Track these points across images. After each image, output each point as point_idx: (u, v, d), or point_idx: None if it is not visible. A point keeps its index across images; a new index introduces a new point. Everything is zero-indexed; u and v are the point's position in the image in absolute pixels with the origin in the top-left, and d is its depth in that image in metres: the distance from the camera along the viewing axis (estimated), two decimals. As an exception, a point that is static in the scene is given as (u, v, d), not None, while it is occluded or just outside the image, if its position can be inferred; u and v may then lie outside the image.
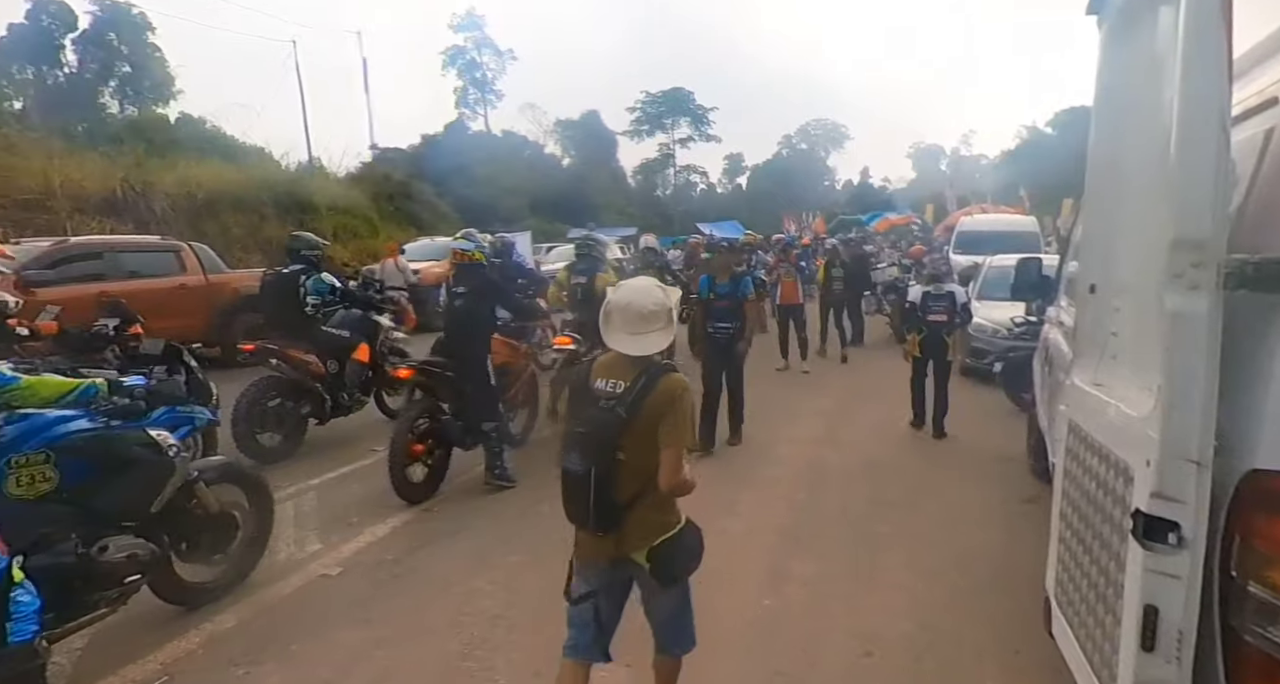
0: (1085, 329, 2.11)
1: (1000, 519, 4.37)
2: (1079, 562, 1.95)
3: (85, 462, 2.70)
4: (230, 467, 3.56)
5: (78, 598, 2.61)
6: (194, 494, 3.16)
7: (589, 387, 2.19)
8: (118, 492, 2.77)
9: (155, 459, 2.88)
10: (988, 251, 10.40)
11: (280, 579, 3.61)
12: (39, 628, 2.23)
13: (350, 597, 3.47)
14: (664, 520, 2.15)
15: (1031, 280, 4.81)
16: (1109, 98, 1.89)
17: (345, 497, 4.09)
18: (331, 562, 3.82)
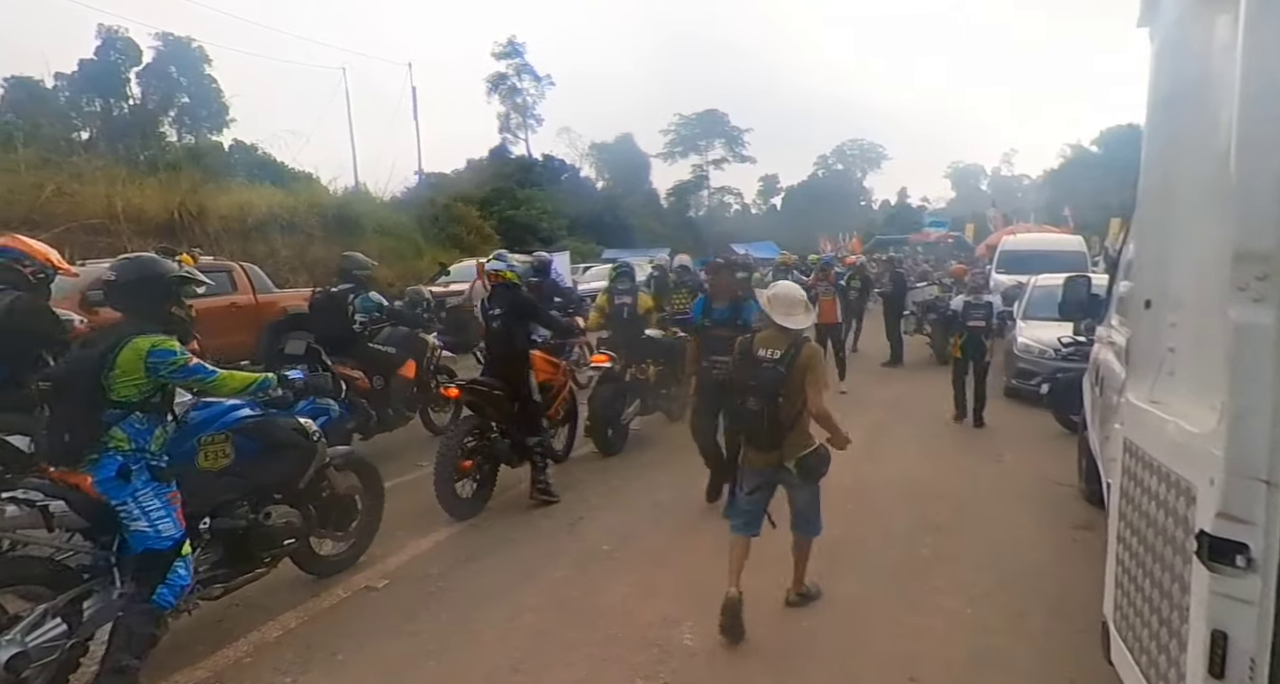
0: (1141, 345, 2.06)
1: (1051, 544, 4.23)
2: (1139, 586, 1.88)
3: (253, 442, 3.23)
4: (352, 455, 3.93)
5: (250, 555, 3.20)
6: (325, 476, 3.62)
7: (753, 354, 3.26)
8: (275, 469, 3.31)
9: (304, 443, 3.40)
10: (1032, 271, 10.17)
11: (326, 590, 3.68)
12: (175, 602, 2.71)
13: (396, 608, 3.52)
14: (807, 441, 3.26)
15: (1080, 299, 4.69)
16: (1162, 111, 1.86)
17: (390, 510, 4.17)
18: (377, 574, 3.87)
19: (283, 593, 3.60)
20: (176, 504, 2.74)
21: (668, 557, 4.13)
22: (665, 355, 7.10)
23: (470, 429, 4.80)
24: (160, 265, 2.84)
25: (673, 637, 3.26)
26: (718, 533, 4.45)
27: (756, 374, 3.21)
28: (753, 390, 3.20)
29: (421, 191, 25.97)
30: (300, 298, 10.41)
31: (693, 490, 5.29)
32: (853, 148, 60.70)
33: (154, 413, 2.75)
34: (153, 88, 32.09)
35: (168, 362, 2.65)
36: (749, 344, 3.31)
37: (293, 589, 3.65)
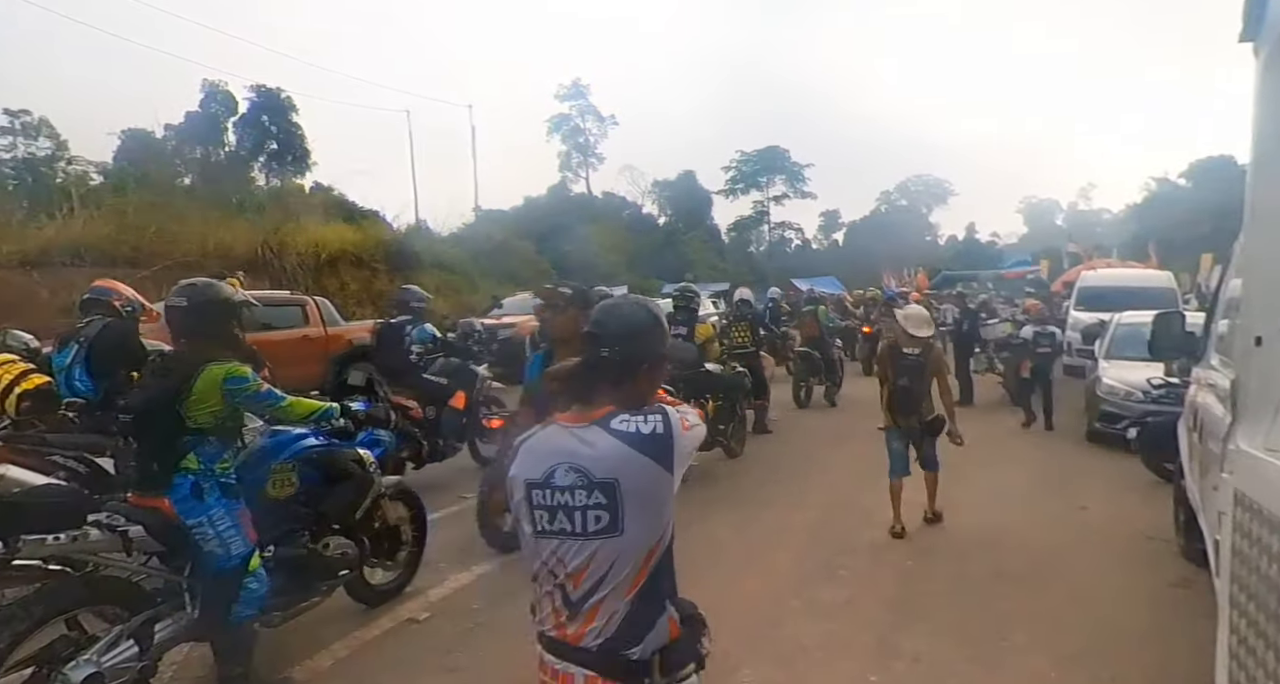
0: (1251, 387, 1.86)
1: (1146, 603, 3.85)
2: (1261, 660, 1.65)
3: (316, 472, 3.29)
4: (401, 485, 3.97)
5: (308, 584, 3.25)
6: (379, 506, 3.67)
7: (902, 351, 4.99)
8: (336, 499, 3.37)
9: (363, 474, 3.45)
10: (1114, 308, 9.59)
11: (372, 621, 3.66)
12: (257, 613, 2.81)
13: (437, 643, 3.47)
14: (930, 409, 5.03)
15: (1174, 337, 4.35)
16: (1272, 130, 1.70)
17: (433, 542, 4.17)
18: (419, 607, 3.84)
19: (332, 621, 3.61)
20: (246, 522, 2.81)
21: (726, 599, 3.94)
22: (725, 390, 6.98)
23: None
24: (224, 289, 2.94)
25: (732, 680, 3.09)
26: (776, 576, 4.28)
27: (904, 366, 4.99)
28: (905, 372, 4.98)
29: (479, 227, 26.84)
30: (364, 330, 10.82)
31: (753, 529, 5.11)
32: (917, 183, 59.60)
33: (227, 436, 2.85)
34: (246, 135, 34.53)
35: (242, 388, 2.75)
36: (897, 348, 5.07)
37: (341, 618, 3.66)
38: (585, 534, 1.39)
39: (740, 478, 6.64)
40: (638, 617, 1.41)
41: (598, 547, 1.39)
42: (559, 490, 1.41)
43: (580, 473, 1.39)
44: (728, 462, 7.21)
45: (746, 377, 7.83)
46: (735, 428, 7.38)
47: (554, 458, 1.42)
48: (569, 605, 1.43)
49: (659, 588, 1.44)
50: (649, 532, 1.41)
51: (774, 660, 3.28)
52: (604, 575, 1.40)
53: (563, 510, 1.40)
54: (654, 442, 1.39)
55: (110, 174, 18.30)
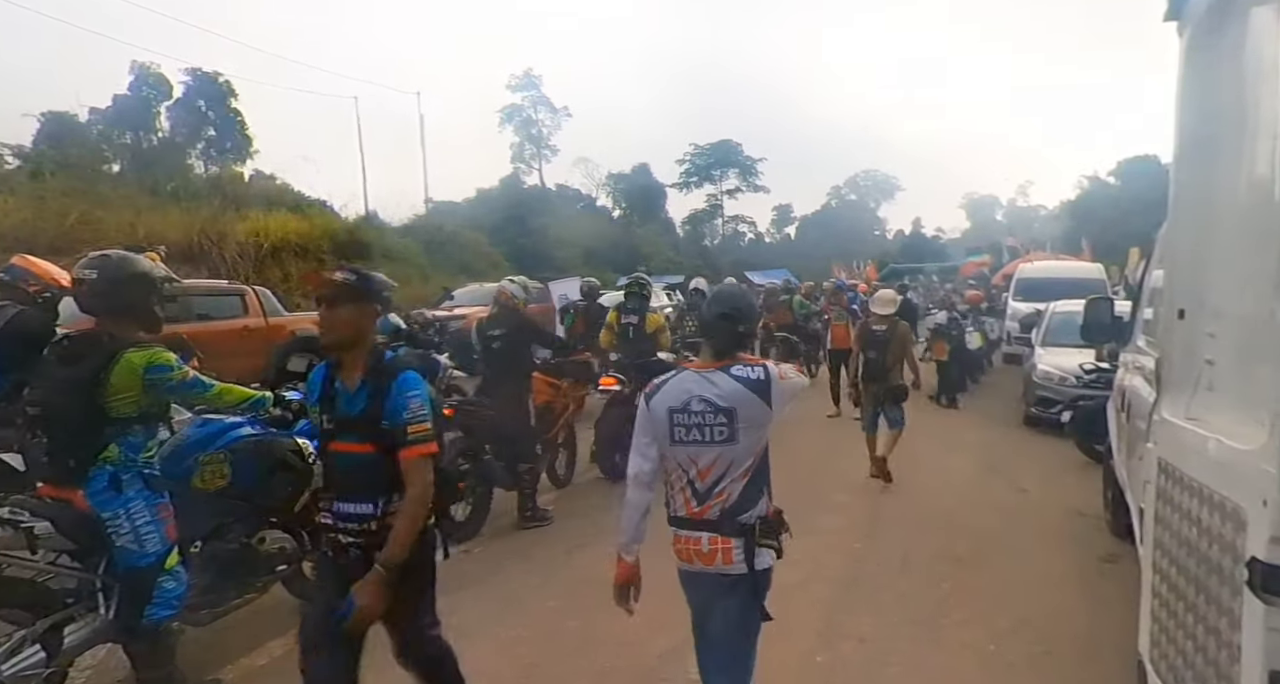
0: (1175, 359, 1.92)
1: (1078, 578, 4.01)
2: (1181, 621, 1.71)
3: (252, 463, 3.09)
4: None
5: (240, 581, 3.07)
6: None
7: (871, 328, 6.06)
8: (273, 491, 3.18)
9: (302, 465, 3.25)
10: (1050, 298, 9.98)
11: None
12: (175, 613, 2.61)
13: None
14: (896, 379, 5.90)
15: (1104, 323, 4.53)
16: (1194, 110, 1.76)
17: (385, 533, 4.06)
18: (360, 605, 3.73)
19: (272, 619, 3.46)
20: (167, 517, 2.63)
21: (676, 587, 3.94)
22: (676, 379, 6.97)
23: (463, 450, 4.69)
24: (141, 262, 2.72)
25: (680, 670, 3.06)
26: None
27: (871, 340, 6.05)
28: (873, 346, 6.01)
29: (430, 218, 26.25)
30: (310, 321, 10.48)
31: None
32: (866, 178, 60.96)
33: (150, 425, 2.67)
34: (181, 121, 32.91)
35: (165, 377, 2.57)
36: (867, 325, 6.28)
37: (279, 615, 3.50)
38: (711, 442, 2.05)
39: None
40: (746, 496, 2.08)
41: (719, 451, 2.06)
42: (693, 413, 2.06)
43: (708, 402, 2.04)
44: (680, 451, 7.22)
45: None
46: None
47: (689, 392, 2.07)
48: (696, 494, 2.11)
49: (760, 479, 2.11)
50: (754, 443, 2.08)
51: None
52: (725, 471, 2.07)
53: (696, 427, 2.06)
54: (759, 385, 2.04)
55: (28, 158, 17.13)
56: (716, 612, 2.21)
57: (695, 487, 2.10)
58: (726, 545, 2.11)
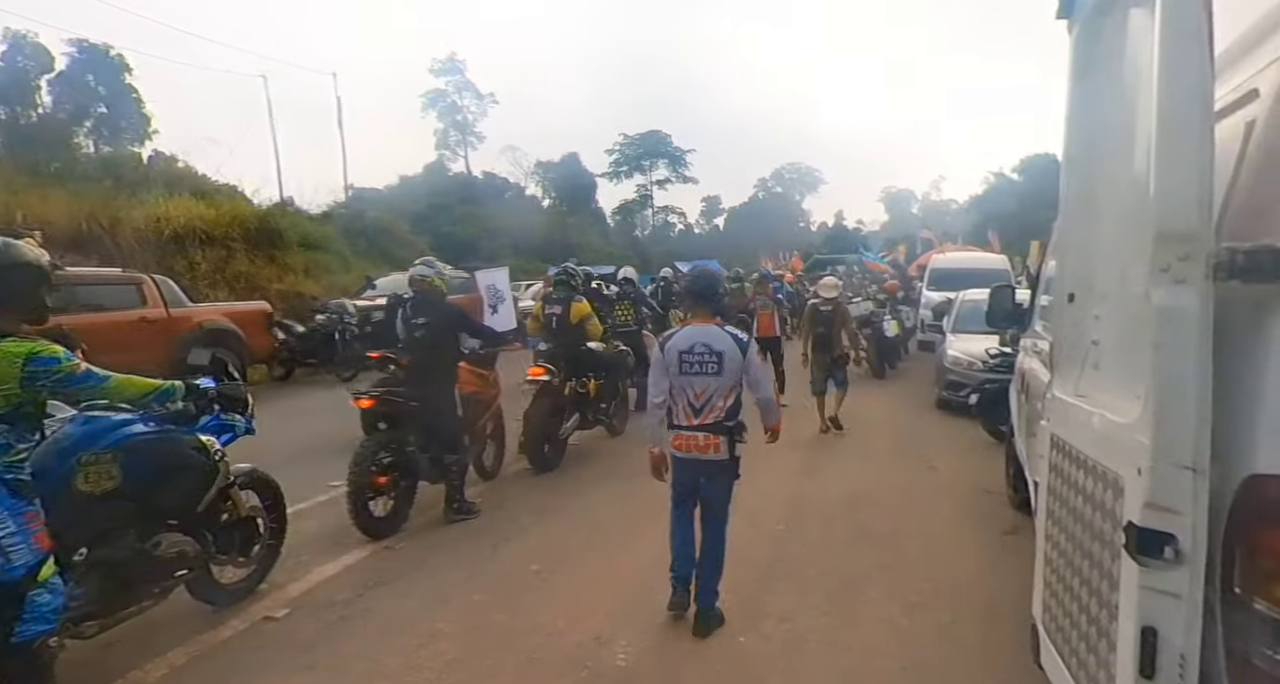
0: (1065, 340, 2.04)
1: (981, 551, 4.25)
2: (1068, 585, 1.83)
3: (146, 462, 2.92)
4: (254, 473, 3.63)
5: (132, 589, 2.88)
6: (228, 497, 3.36)
7: (819, 309, 7.58)
8: (171, 491, 3.03)
9: (205, 462, 3.13)
10: (960, 288, 10.51)
11: (222, 622, 3.35)
12: (51, 628, 2.42)
13: (296, 640, 3.22)
14: (838, 347, 7.47)
15: (1006, 308, 4.78)
16: (1082, 103, 1.86)
17: (296, 535, 3.87)
18: (276, 603, 3.55)
19: (173, 626, 3.27)
20: (36, 526, 2.40)
21: (603, 575, 3.96)
22: (607, 368, 6.96)
23: (386, 443, 4.53)
24: (26, 250, 2.48)
25: (604, 656, 3.08)
26: (655, 548, 4.32)
27: (820, 318, 7.49)
28: (822, 323, 7.45)
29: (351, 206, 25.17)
30: (219, 312, 9.87)
31: (633, 505, 5.14)
32: (791, 171, 62.46)
33: (22, 425, 2.41)
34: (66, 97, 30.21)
35: (51, 370, 2.35)
36: (816, 307, 7.69)
37: (185, 622, 3.31)
38: (706, 374, 3.19)
39: (622, 456, 6.66)
40: (729, 410, 3.22)
41: (710, 380, 3.19)
42: (696, 354, 3.20)
43: (707, 346, 3.20)
44: (610, 440, 7.23)
45: (629, 355, 7.86)
46: (618, 406, 7.40)
47: (694, 339, 3.24)
48: (694, 409, 3.23)
49: (735, 402, 3.26)
50: (732, 377, 3.22)
51: (648, 629, 3.31)
52: (713, 393, 3.20)
53: (696, 363, 3.20)
54: (741, 342, 3.24)
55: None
56: (709, 482, 3.36)
57: (694, 404, 3.25)
58: (716, 441, 3.24)
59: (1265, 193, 1.31)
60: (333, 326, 11.18)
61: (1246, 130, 1.39)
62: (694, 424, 3.23)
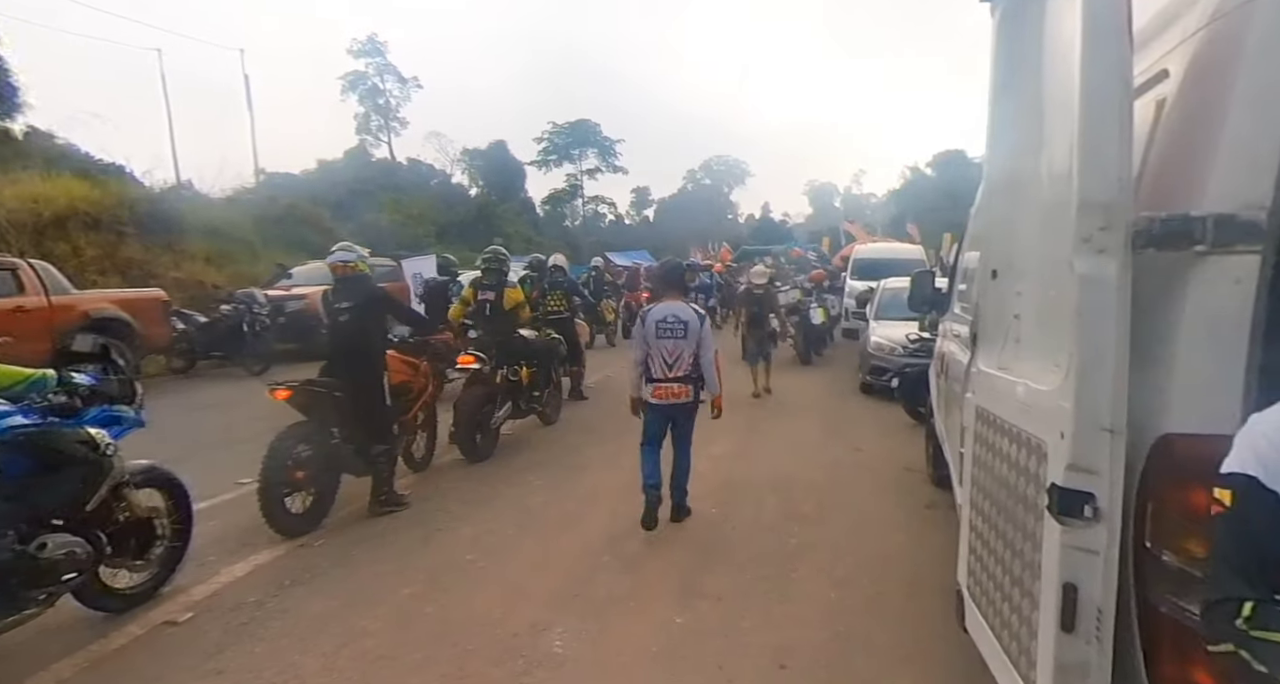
0: (988, 315, 2.12)
1: (905, 525, 4.41)
2: (992, 548, 1.91)
3: (26, 457, 2.70)
4: (154, 471, 3.40)
5: (13, 595, 2.64)
6: (122, 496, 3.12)
7: (752, 292, 9.34)
8: (55, 489, 2.81)
9: (93, 458, 2.90)
10: (882, 277, 10.93)
11: (116, 630, 3.09)
12: None
13: (200, 645, 2.99)
14: (767, 325, 8.98)
15: (927, 293, 4.99)
16: (1004, 82, 1.92)
17: (202, 535, 3.62)
18: (180, 607, 3.31)
19: (61, 636, 2.99)
20: None
21: (539, 563, 3.88)
22: (539, 356, 6.84)
23: (305, 435, 4.28)
24: None
25: (540, 644, 3.02)
26: (589, 535, 4.30)
27: (753, 299, 9.05)
28: (754, 305, 9.00)
29: (262, 191, 23.75)
30: (106, 299, 9.10)
31: (567, 493, 5.08)
32: (719, 163, 63.25)
33: None
34: (-79, 64, 27.20)
35: None
36: (750, 290, 9.36)
37: (74, 631, 3.04)
38: (675, 337, 4.25)
39: (555, 445, 6.59)
40: (692, 365, 4.28)
41: (678, 342, 4.25)
42: (668, 322, 4.27)
43: (676, 317, 4.27)
44: (543, 429, 7.13)
45: (561, 343, 7.76)
46: (550, 394, 7.30)
47: (667, 312, 4.30)
48: (667, 365, 4.25)
49: (696, 361, 4.28)
50: (694, 340, 4.26)
51: (585, 615, 3.28)
52: (681, 353, 4.25)
53: (669, 329, 4.26)
54: (700, 316, 4.35)
55: None
56: (681, 419, 4.43)
57: (667, 361, 4.28)
58: (686, 389, 4.32)
59: (1175, 166, 1.38)
60: (240, 317, 10.51)
61: (1158, 108, 1.46)
62: (669, 376, 4.29)
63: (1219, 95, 1.31)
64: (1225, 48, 1.31)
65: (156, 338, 9.63)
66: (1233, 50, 1.30)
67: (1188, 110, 1.39)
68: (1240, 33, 1.29)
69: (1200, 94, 1.36)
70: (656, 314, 4.33)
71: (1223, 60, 1.32)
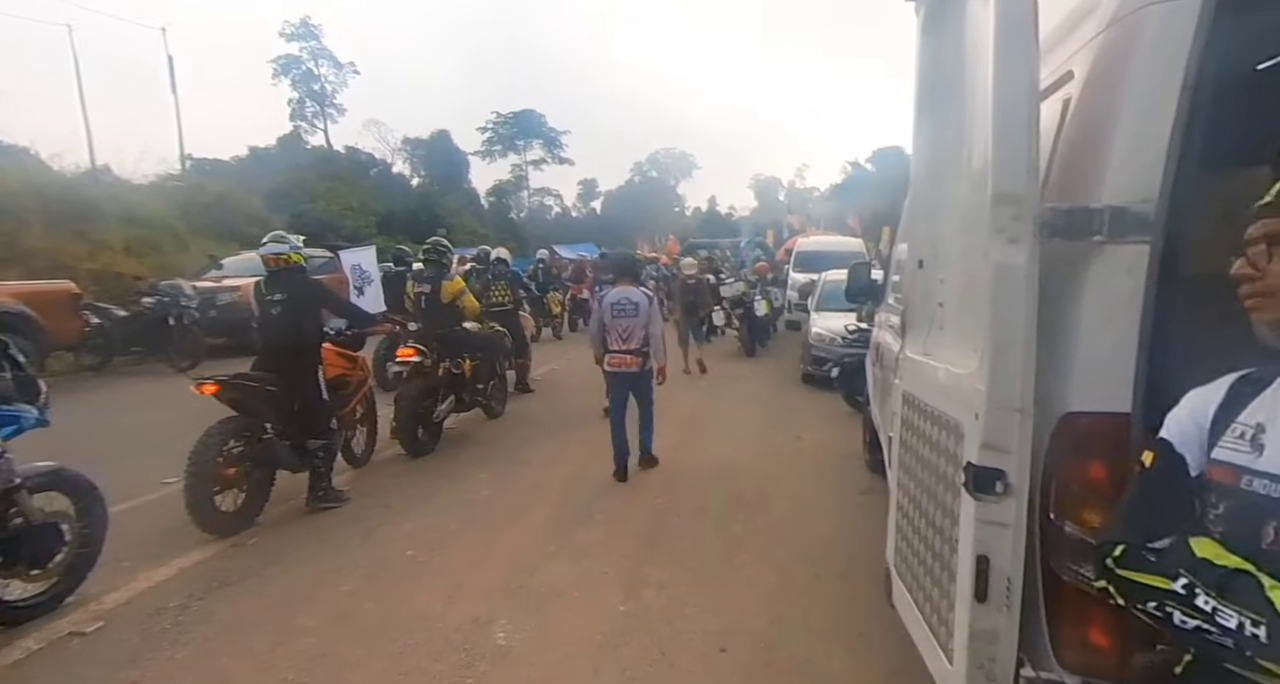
0: (915, 303, 2.21)
1: (842, 510, 4.56)
2: (916, 527, 2.00)
3: None
4: (60, 473, 3.22)
5: None
6: (14, 501, 2.96)
7: (685, 282, 10.35)
8: None
9: None
10: (823, 269, 11.19)
11: (8, 644, 2.90)
12: None
13: (113, 655, 2.85)
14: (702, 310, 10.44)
15: (864, 284, 5.14)
16: (927, 81, 2.00)
17: (119, 539, 3.44)
18: (88, 617, 3.13)
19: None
20: None
21: (483, 556, 3.86)
22: (482, 349, 6.76)
23: (236, 431, 4.13)
24: None
25: (483, 638, 3.01)
26: (535, 527, 4.29)
27: (688, 289, 10.14)
28: (689, 294, 10.05)
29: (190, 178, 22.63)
30: (5, 293, 8.52)
31: (513, 486, 5.05)
32: (666, 156, 63.54)
33: None
34: None
35: None
36: (684, 280, 10.34)
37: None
38: (628, 316, 5.07)
39: (501, 438, 6.54)
40: (642, 341, 5.09)
41: (630, 321, 5.07)
42: (622, 303, 5.09)
43: (628, 299, 5.10)
44: (488, 423, 7.06)
45: (506, 336, 7.69)
46: (495, 388, 7.22)
47: (621, 296, 5.11)
48: (622, 339, 5.09)
49: (645, 336, 5.09)
50: (643, 320, 5.07)
51: (529, 606, 3.28)
52: (632, 329, 5.08)
53: (622, 309, 5.08)
54: (649, 298, 5.18)
55: None
56: (637, 386, 5.23)
57: (621, 336, 5.06)
58: (636, 360, 5.08)
59: (1079, 161, 1.47)
60: (164, 310, 9.94)
61: (1064, 107, 1.55)
62: (621, 349, 5.11)
63: (1115, 96, 1.40)
64: (1120, 51, 1.40)
65: (65, 333, 9.04)
66: (1126, 54, 1.39)
67: (1089, 109, 1.48)
68: (1133, 38, 1.38)
69: (1099, 94, 1.45)
70: (612, 297, 5.12)
71: (1117, 63, 1.41)
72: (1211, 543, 0.98)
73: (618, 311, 5.05)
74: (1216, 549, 0.97)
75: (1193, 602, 0.94)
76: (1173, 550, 1.01)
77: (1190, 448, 1.08)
